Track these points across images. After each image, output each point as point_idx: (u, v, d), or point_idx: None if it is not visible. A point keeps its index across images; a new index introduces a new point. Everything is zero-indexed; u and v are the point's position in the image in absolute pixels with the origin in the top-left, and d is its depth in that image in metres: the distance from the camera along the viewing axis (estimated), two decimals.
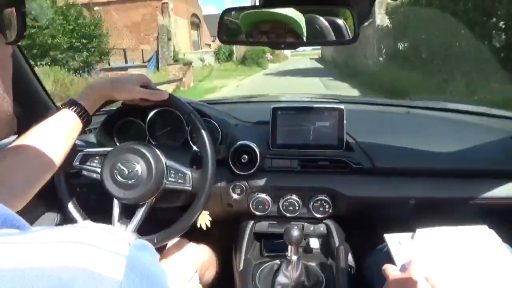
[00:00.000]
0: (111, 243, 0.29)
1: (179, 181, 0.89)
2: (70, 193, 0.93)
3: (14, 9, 0.40)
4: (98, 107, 0.86)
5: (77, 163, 0.91)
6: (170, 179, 0.89)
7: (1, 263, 0.24)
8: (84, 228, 0.30)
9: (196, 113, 0.90)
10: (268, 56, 24.84)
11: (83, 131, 0.84)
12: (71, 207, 0.92)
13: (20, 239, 0.26)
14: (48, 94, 1.15)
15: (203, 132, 0.88)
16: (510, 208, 1.00)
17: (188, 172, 0.89)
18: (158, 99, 0.88)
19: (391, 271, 0.74)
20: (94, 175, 0.91)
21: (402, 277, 0.71)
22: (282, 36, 0.81)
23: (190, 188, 0.89)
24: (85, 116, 0.81)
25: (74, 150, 0.90)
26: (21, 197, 0.67)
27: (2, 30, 0.39)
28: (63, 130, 0.77)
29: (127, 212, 0.91)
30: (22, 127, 0.79)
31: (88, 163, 0.91)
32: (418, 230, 0.83)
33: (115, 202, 0.89)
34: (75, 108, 0.79)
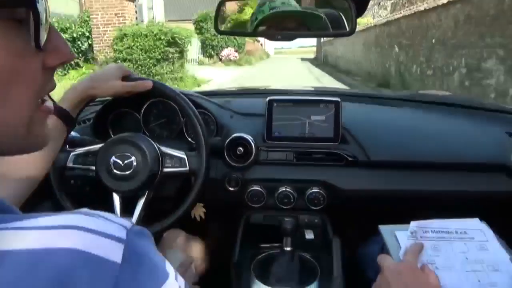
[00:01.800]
0: (109, 228, 0.29)
1: (176, 165, 0.89)
2: (64, 186, 0.92)
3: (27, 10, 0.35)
4: (82, 108, 0.85)
5: (71, 164, 0.90)
6: (166, 164, 0.89)
7: (1, 246, 0.24)
8: (82, 213, 0.30)
9: (182, 95, 0.90)
10: (230, 53, 14.48)
11: (68, 133, 0.83)
12: (65, 199, 0.92)
13: (18, 224, 0.26)
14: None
15: (191, 112, 0.88)
16: (504, 202, 1.02)
17: (183, 155, 0.89)
18: (142, 90, 0.87)
19: (386, 261, 0.75)
20: (90, 174, 0.90)
21: (398, 266, 0.71)
22: (293, 29, 0.80)
23: (188, 170, 0.89)
24: (68, 119, 0.80)
25: (66, 151, 0.89)
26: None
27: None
28: None
29: (128, 205, 0.90)
30: None
31: (81, 163, 0.90)
32: (412, 222, 0.84)
33: (115, 196, 0.89)
34: (58, 113, 0.78)
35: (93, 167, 0.89)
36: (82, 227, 0.28)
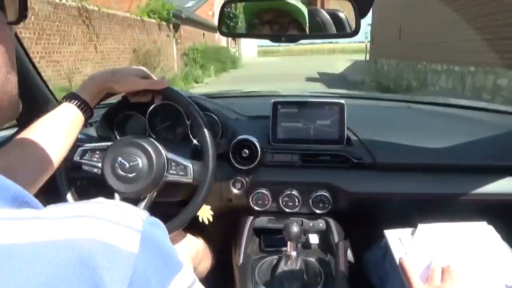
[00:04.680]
0: (125, 218, 0.30)
1: (180, 173, 0.88)
2: (70, 186, 0.93)
3: None
4: (99, 100, 0.86)
5: (78, 158, 0.90)
6: (171, 171, 0.88)
7: (22, 238, 0.25)
8: (100, 203, 0.31)
9: (195, 105, 0.90)
10: None
11: (85, 124, 0.83)
12: (71, 200, 0.92)
13: (37, 214, 0.27)
14: (47, 86, 1.15)
15: (203, 124, 0.88)
16: (510, 204, 1.00)
17: (189, 164, 0.89)
18: (159, 88, 0.88)
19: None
20: (95, 170, 0.90)
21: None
22: (285, 27, 0.80)
23: (191, 180, 0.88)
24: (86, 109, 0.80)
25: (75, 145, 0.90)
26: None
27: (3, 9, 0.38)
28: (65, 124, 0.76)
29: None
30: (22, 119, 0.79)
31: (88, 158, 0.91)
32: (420, 226, 0.83)
33: (117, 196, 0.89)
34: (76, 102, 0.79)
35: (99, 164, 0.89)
36: (99, 217, 0.28)
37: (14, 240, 0.24)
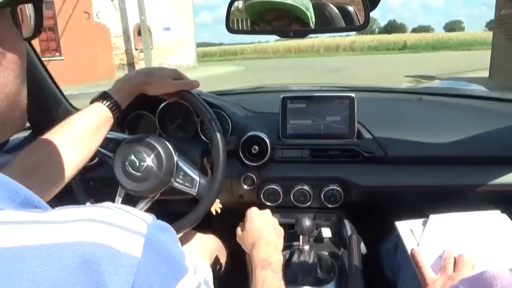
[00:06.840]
0: (130, 222, 0.30)
1: (186, 184, 0.89)
2: (84, 186, 0.94)
3: (31, 4, 0.40)
4: (130, 100, 0.84)
5: None
6: (178, 180, 0.89)
7: (27, 240, 0.25)
8: (105, 207, 0.31)
9: (217, 121, 0.89)
10: None
11: (113, 125, 0.82)
12: (84, 199, 0.93)
13: (43, 217, 0.28)
14: (58, 87, 1.16)
15: (221, 145, 0.87)
16: None
17: (196, 177, 0.89)
18: (190, 89, 0.87)
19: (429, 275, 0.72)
20: (107, 159, 0.91)
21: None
22: (288, 25, 0.80)
23: (195, 194, 0.89)
24: (117, 110, 0.79)
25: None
26: (50, 190, 0.67)
27: (18, 25, 0.39)
28: (95, 124, 0.75)
29: (129, 202, 0.91)
30: (34, 121, 0.79)
31: (103, 147, 0.89)
32: (431, 216, 0.82)
33: (120, 189, 0.90)
34: (108, 102, 0.77)
35: (112, 155, 0.89)
36: (104, 221, 0.29)
37: (20, 243, 0.25)
